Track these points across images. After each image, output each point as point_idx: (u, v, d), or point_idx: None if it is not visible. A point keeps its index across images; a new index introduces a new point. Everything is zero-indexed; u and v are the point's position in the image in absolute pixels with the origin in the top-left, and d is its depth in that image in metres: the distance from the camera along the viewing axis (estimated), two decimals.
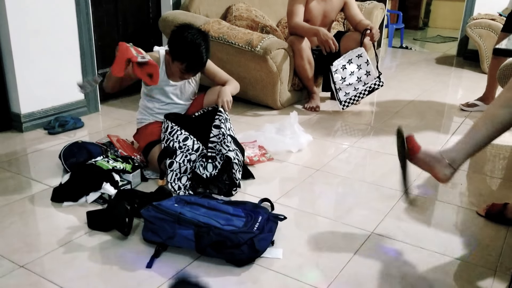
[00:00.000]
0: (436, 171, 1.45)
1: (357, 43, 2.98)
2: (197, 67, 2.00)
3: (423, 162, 1.47)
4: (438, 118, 2.99)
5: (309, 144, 2.43)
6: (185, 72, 1.99)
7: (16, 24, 2.36)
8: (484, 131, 1.43)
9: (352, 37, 3.04)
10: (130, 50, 1.79)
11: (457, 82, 4.14)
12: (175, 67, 1.99)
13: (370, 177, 2.08)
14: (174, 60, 1.98)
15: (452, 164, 1.44)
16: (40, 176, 1.99)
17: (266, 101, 3.05)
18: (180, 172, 1.88)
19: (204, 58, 1.97)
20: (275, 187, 1.96)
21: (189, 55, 1.93)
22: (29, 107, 2.53)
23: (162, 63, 2.06)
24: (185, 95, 2.16)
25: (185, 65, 1.95)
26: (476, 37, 4.20)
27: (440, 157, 1.45)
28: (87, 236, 1.55)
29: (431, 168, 1.46)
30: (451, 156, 1.44)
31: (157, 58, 2.06)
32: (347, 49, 2.97)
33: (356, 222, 1.69)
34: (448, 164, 1.44)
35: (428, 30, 7.89)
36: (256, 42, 2.83)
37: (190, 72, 2.01)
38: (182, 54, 1.94)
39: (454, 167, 1.44)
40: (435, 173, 1.46)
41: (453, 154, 1.45)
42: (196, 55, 1.93)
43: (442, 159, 1.44)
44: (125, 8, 3.07)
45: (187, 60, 1.94)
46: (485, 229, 1.67)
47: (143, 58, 1.79)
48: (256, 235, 1.39)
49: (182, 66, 1.96)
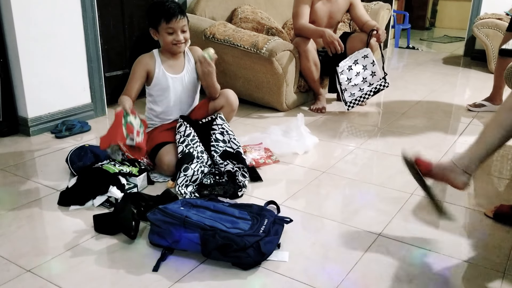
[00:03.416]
0: (452, 180, 1.47)
1: (363, 44, 2.97)
2: (176, 11, 1.99)
3: (439, 176, 1.49)
4: (445, 119, 2.97)
5: (315, 146, 2.42)
6: (170, 25, 1.99)
7: (23, 29, 2.38)
8: (494, 135, 1.44)
9: (358, 38, 3.03)
10: (122, 130, 1.79)
11: (464, 82, 4.11)
12: (163, 34, 2.03)
13: (377, 179, 2.06)
14: (157, 28, 2.03)
15: (466, 171, 1.46)
16: (47, 180, 2.00)
17: (272, 103, 3.05)
18: (190, 180, 1.88)
19: (175, 2, 2.04)
20: (281, 189, 1.96)
21: (162, 5, 2.00)
22: (36, 111, 2.54)
23: (158, 62, 2.08)
24: (186, 88, 2.14)
25: (165, 18, 1.98)
26: (483, 37, 4.17)
27: (454, 165, 1.47)
28: (94, 240, 1.55)
29: (447, 179, 1.48)
30: (464, 163, 1.46)
31: (153, 59, 2.08)
32: (353, 50, 2.96)
33: (362, 224, 1.68)
34: (462, 171, 1.46)
35: (435, 30, 7.85)
36: (262, 44, 2.83)
37: (173, 20, 1.99)
38: (157, 11, 2.01)
39: (469, 173, 1.46)
40: (452, 182, 1.48)
41: (465, 160, 1.47)
42: (167, 1, 2.01)
43: (456, 167, 1.47)
44: (131, 12, 3.08)
45: (163, 9, 1.98)
46: (493, 230, 1.66)
47: (131, 140, 1.83)
48: (262, 238, 1.39)
49: (164, 23, 1.99)
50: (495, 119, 1.46)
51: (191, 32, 2.99)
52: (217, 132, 2.03)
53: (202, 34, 3.00)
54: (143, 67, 2.07)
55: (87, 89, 2.79)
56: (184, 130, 2.02)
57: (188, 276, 1.37)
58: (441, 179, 1.50)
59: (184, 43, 2.07)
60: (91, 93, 2.81)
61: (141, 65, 2.07)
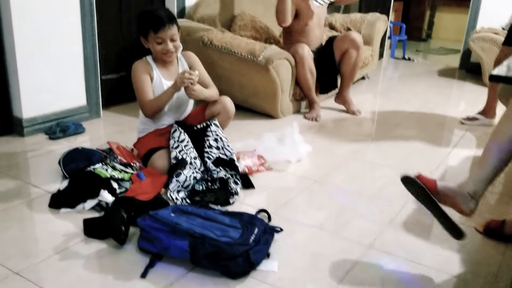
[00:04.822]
0: (459, 204, 1.43)
1: (349, 41, 3.11)
2: (164, 20, 1.97)
3: (447, 197, 1.45)
4: (439, 131, 2.99)
5: (309, 154, 2.43)
6: (159, 35, 1.98)
7: (22, 30, 2.38)
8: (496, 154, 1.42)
9: (342, 39, 3.17)
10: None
11: (459, 95, 4.14)
12: (152, 43, 2.02)
13: (369, 190, 2.07)
14: (147, 37, 2.02)
15: (474, 196, 1.43)
16: (39, 181, 1.99)
17: (267, 110, 3.06)
18: (182, 186, 1.88)
19: (165, 10, 2.05)
20: (273, 197, 1.96)
21: (150, 15, 2.00)
22: (31, 112, 2.54)
23: (154, 68, 2.08)
24: (180, 94, 2.10)
25: (153, 28, 1.97)
26: (479, 50, 4.21)
27: (461, 190, 1.43)
28: (83, 244, 1.55)
29: (455, 203, 1.44)
30: (471, 188, 1.43)
31: (149, 65, 2.08)
32: (341, 51, 3.15)
33: (353, 235, 1.68)
34: (470, 197, 1.43)
35: (431, 42, 7.91)
36: (259, 51, 2.84)
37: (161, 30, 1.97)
38: (145, 20, 2.00)
39: (476, 199, 1.43)
40: (459, 207, 1.44)
41: (471, 186, 1.43)
42: (156, 10, 2.02)
43: (464, 192, 1.43)
44: (129, 17, 3.09)
45: (151, 19, 1.98)
46: (483, 246, 1.66)
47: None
48: (251, 247, 1.39)
49: (152, 32, 1.98)
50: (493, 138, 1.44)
51: (189, 38, 3.01)
52: (211, 139, 2.03)
53: (199, 40, 3.00)
54: (144, 71, 2.06)
55: (82, 91, 2.78)
56: (178, 136, 2.02)
57: (176, 284, 1.37)
58: (448, 201, 1.45)
59: (174, 52, 2.04)
60: (87, 95, 2.80)
61: (142, 70, 2.06)
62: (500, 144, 1.42)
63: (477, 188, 1.43)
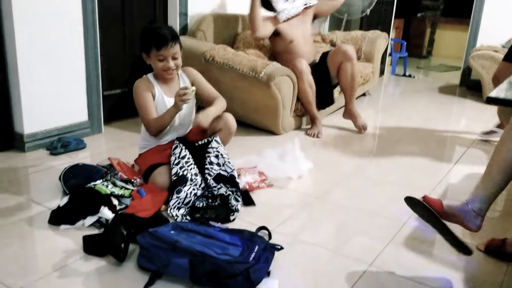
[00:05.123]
0: (466, 222, 1.48)
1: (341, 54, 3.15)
2: (168, 38, 1.99)
3: (452, 216, 1.49)
4: (440, 148, 2.98)
5: (310, 171, 2.42)
6: (161, 53, 1.99)
7: (24, 46, 2.40)
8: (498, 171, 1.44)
9: (334, 53, 3.21)
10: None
11: (459, 111, 4.15)
12: (154, 60, 2.03)
13: (370, 207, 2.06)
14: (148, 53, 2.03)
15: (479, 213, 1.47)
16: (40, 197, 1.99)
17: (269, 126, 3.07)
18: (182, 203, 1.88)
19: (169, 28, 2.05)
20: (274, 214, 1.95)
21: (153, 32, 2.00)
22: (33, 128, 2.54)
23: (156, 86, 2.09)
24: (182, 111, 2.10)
25: (156, 45, 1.98)
26: (479, 68, 4.23)
27: (466, 208, 1.47)
28: (82, 261, 1.54)
29: (461, 221, 1.49)
30: (476, 205, 1.47)
31: (150, 83, 2.09)
32: (335, 65, 3.16)
33: (354, 253, 1.67)
34: (476, 214, 1.47)
35: (432, 59, 7.96)
36: (260, 68, 2.86)
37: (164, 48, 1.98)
38: (148, 37, 2.01)
39: (482, 215, 1.47)
40: (465, 225, 1.49)
41: (476, 203, 1.47)
42: (159, 28, 2.02)
43: (469, 210, 1.47)
44: (132, 32, 3.12)
45: (154, 36, 1.99)
46: (485, 265, 1.65)
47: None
48: (251, 266, 1.38)
49: (155, 50, 1.99)
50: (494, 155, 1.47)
51: (192, 54, 3.04)
52: (212, 155, 2.03)
53: (202, 56, 3.03)
54: (146, 89, 2.07)
55: (84, 106, 2.80)
56: (180, 152, 2.02)
57: None
58: (451, 220, 1.50)
59: (174, 69, 2.06)
60: (88, 111, 2.82)
61: (144, 88, 2.07)
62: (502, 162, 1.44)
63: (481, 205, 1.47)
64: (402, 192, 2.19)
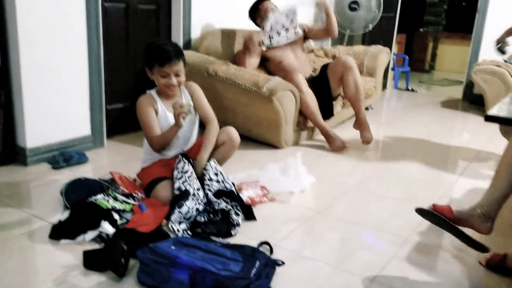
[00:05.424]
0: (477, 226, 1.54)
1: (341, 65, 3.16)
2: (171, 55, 1.99)
3: (463, 221, 1.55)
4: (442, 162, 2.97)
5: (312, 185, 2.42)
6: (164, 69, 1.99)
7: (28, 60, 2.42)
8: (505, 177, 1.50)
9: (334, 64, 3.23)
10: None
11: (462, 125, 4.15)
12: (157, 76, 2.03)
13: (373, 221, 2.05)
14: (152, 69, 2.03)
15: (488, 216, 1.52)
16: (41, 211, 1.99)
17: (271, 140, 3.07)
18: (184, 218, 1.87)
19: (173, 45, 2.06)
20: (275, 229, 1.94)
21: (158, 48, 2.01)
22: (35, 142, 2.55)
23: (158, 102, 2.10)
24: (185, 126, 2.10)
25: (159, 61, 1.98)
26: (481, 82, 4.23)
27: (475, 212, 1.53)
28: (82, 276, 1.52)
29: (472, 225, 1.55)
30: (485, 209, 1.53)
31: (153, 99, 2.09)
32: (336, 77, 3.19)
33: (356, 269, 1.65)
34: (485, 218, 1.52)
35: (434, 73, 7.98)
36: (262, 83, 2.88)
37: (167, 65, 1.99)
38: (153, 53, 2.02)
39: (492, 219, 1.53)
40: (477, 228, 1.54)
41: (485, 207, 1.53)
42: (164, 45, 2.03)
43: (478, 213, 1.53)
44: (136, 47, 3.15)
45: (159, 53, 1.99)
46: (487, 280, 1.63)
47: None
48: (252, 282, 1.37)
49: (158, 66, 1.99)
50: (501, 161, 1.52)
51: (195, 69, 3.06)
52: (211, 173, 2.04)
53: (205, 71, 3.05)
54: (149, 105, 2.07)
55: (87, 120, 2.81)
56: (182, 167, 2.02)
57: None
58: (465, 224, 1.55)
59: (176, 86, 2.06)
60: (91, 125, 2.83)
61: (147, 104, 2.07)
62: (508, 167, 1.51)
63: (490, 209, 1.53)
64: (404, 207, 2.19)
